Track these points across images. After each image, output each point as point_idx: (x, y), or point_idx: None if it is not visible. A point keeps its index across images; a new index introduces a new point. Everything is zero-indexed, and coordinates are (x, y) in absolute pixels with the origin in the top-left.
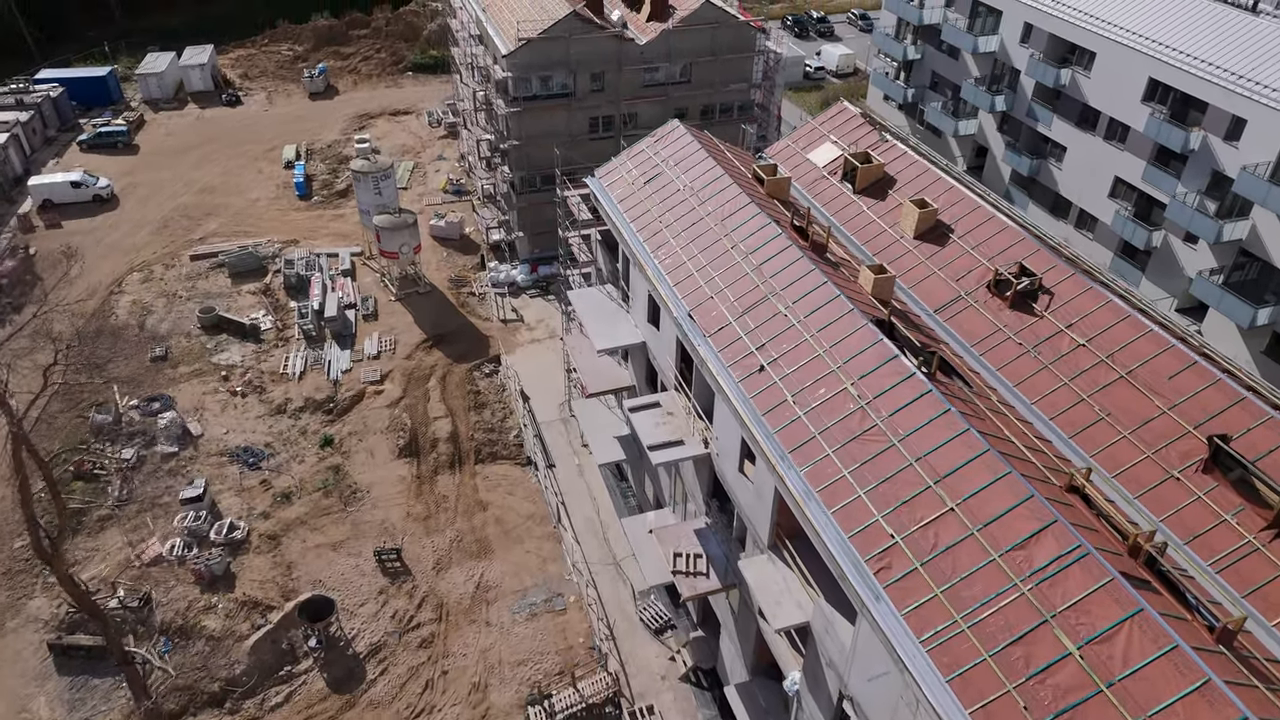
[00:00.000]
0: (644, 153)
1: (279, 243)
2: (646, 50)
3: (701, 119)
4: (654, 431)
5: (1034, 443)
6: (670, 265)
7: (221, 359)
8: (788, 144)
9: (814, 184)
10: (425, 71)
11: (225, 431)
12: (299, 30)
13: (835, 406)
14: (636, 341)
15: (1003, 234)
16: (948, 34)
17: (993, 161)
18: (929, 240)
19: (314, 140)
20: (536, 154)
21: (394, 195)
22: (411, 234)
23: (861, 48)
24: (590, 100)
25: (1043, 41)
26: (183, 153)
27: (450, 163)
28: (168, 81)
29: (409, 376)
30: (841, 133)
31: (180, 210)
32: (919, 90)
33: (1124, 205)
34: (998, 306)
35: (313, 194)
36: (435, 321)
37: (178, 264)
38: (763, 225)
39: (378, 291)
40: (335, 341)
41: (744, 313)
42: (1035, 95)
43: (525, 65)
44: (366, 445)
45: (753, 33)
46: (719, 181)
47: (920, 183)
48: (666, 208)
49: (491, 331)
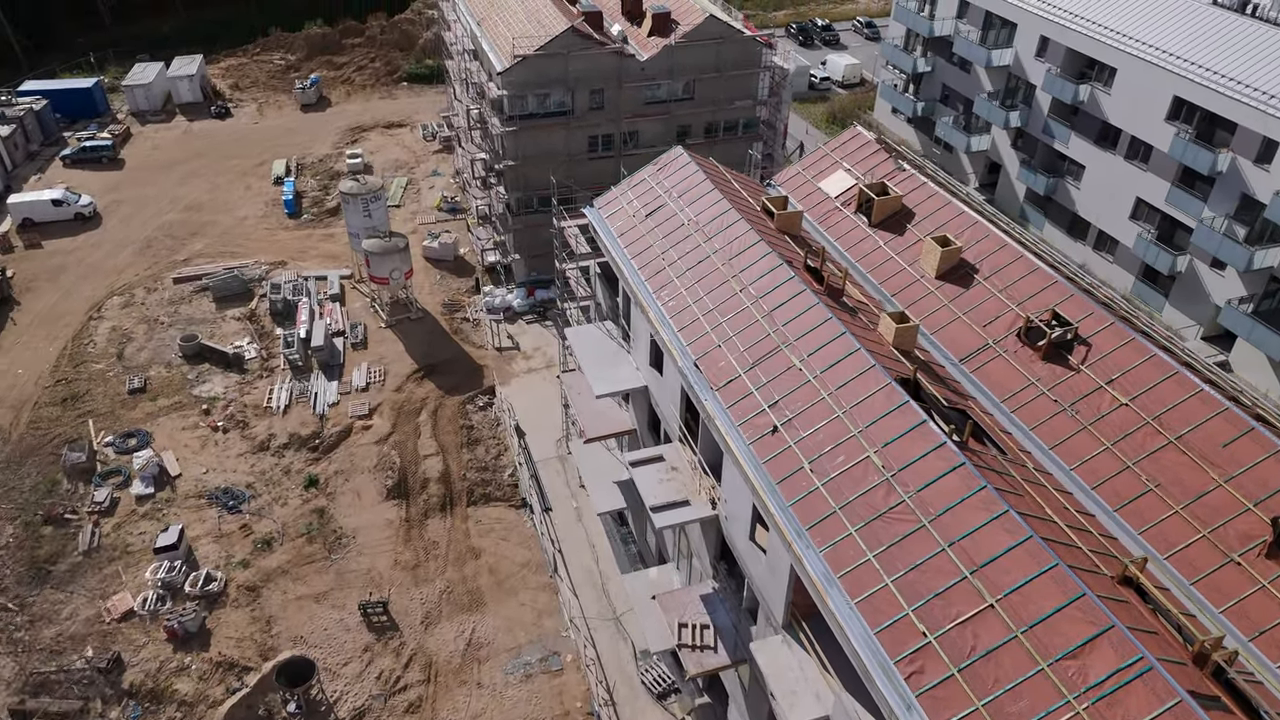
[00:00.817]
0: (645, 182)
1: (266, 264)
2: (648, 66)
3: (705, 137)
4: (657, 489)
5: (1077, 519)
6: (674, 308)
7: (203, 391)
8: (798, 171)
9: (826, 216)
10: (421, 81)
11: (205, 471)
12: (291, 39)
13: (857, 477)
14: (638, 386)
15: (1033, 276)
16: (960, 47)
17: (1006, 179)
18: (952, 281)
19: (305, 154)
20: (533, 174)
21: (384, 218)
22: (403, 259)
23: (868, 57)
24: (589, 118)
25: (1060, 56)
26: (169, 168)
27: (445, 179)
28: (155, 93)
29: (399, 410)
30: (855, 159)
31: (165, 229)
32: (929, 103)
33: (1146, 228)
34: (1029, 357)
35: (302, 212)
36: (427, 350)
37: (160, 287)
38: (774, 266)
39: (367, 317)
40: (322, 372)
41: (754, 364)
42: (1052, 111)
43: (521, 83)
44: (353, 486)
45: (758, 47)
46: (726, 216)
47: (941, 216)
48: (670, 243)
49: (486, 360)
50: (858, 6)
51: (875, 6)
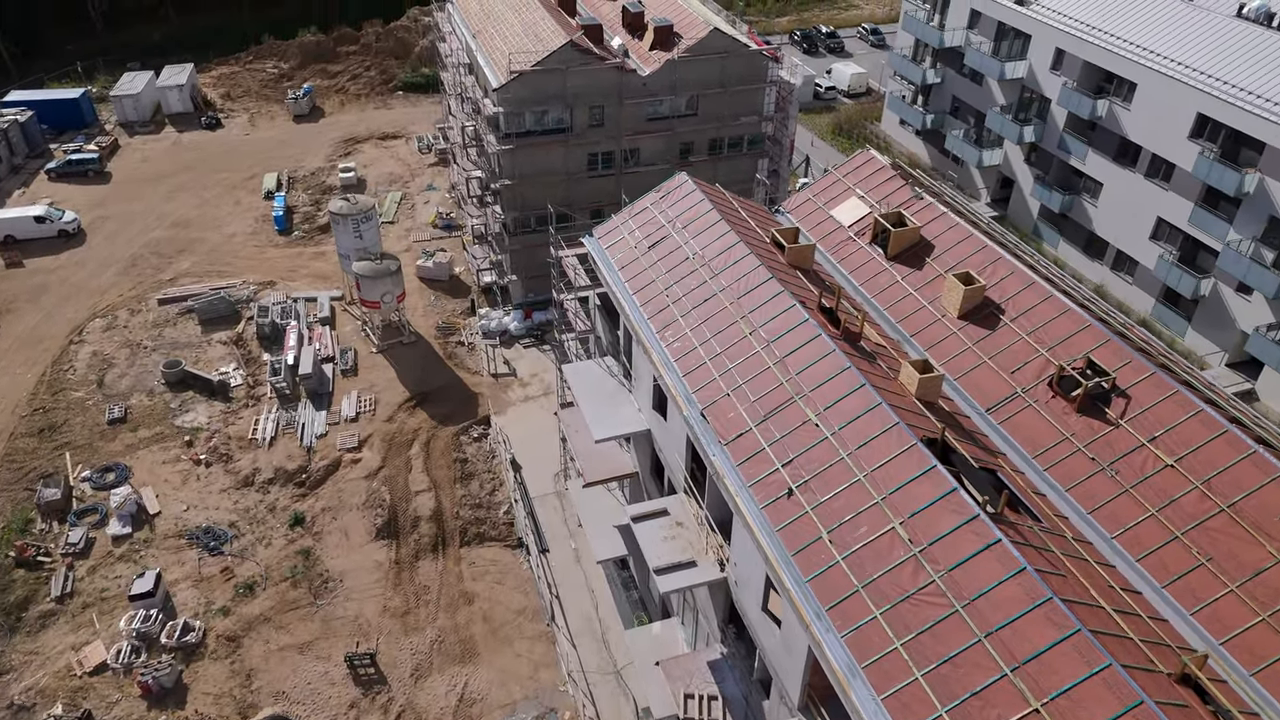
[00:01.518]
0: (647, 210)
1: (254, 284)
2: (650, 82)
3: (709, 154)
4: (661, 548)
5: (1124, 600)
6: (679, 350)
7: (186, 421)
8: (808, 198)
9: (839, 247)
10: (416, 91)
11: (185, 508)
12: (285, 47)
13: (881, 551)
14: (640, 429)
15: (1064, 318)
16: (971, 58)
17: (1019, 195)
18: (976, 322)
19: (296, 167)
20: (530, 193)
21: (376, 238)
22: (395, 282)
23: (874, 65)
24: (589, 135)
25: (1076, 69)
26: (157, 181)
27: (440, 193)
28: (144, 103)
29: (389, 442)
30: (869, 185)
31: (151, 246)
32: (939, 116)
33: (1168, 249)
34: (1062, 409)
35: (293, 228)
36: (420, 377)
37: (144, 308)
38: (786, 307)
39: (358, 342)
40: (310, 401)
41: (766, 417)
42: (1067, 126)
43: (518, 100)
44: (341, 524)
45: (764, 61)
46: (734, 250)
47: (962, 250)
48: (674, 278)
49: (481, 388)
50: (862, 13)
51: (880, 13)
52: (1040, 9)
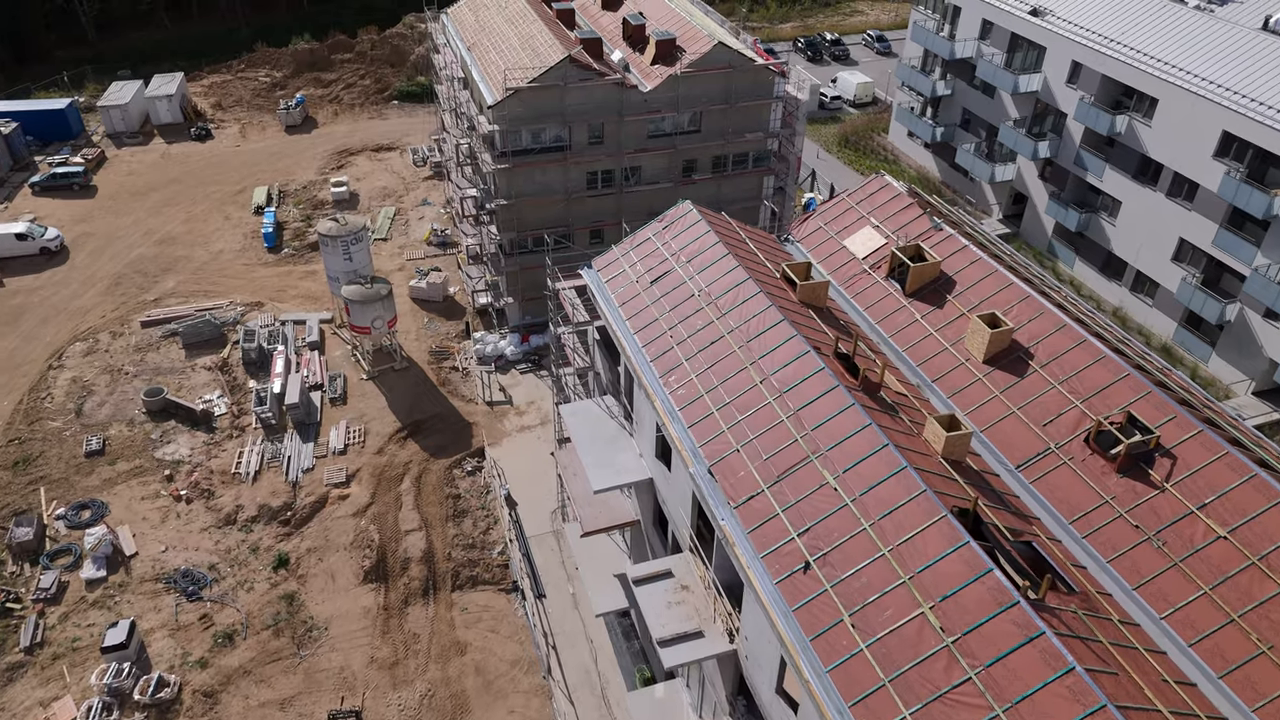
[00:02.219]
0: (650, 242)
1: (241, 305)
2: (651, 98)
3: (713, 172)
4: (665, 615)
5: (1180, 697)
6: (683, 397)
7: (166, 453)
8: (819, 226)
9: (853, 280)
10: (412, 100)
11: (164, 549)
12: (278, 55)
13: (910, 640)
14: (643, 478)
15: (1100, 366)
16: (983, 71)
17: (1033, 212)
18: (1003, 368)
19: (288, 181)
20: (528, 213)
21: (367, 260)
22: (386, 306)
23: (879, 72)
24: (588, 153)
25: (1094, 83)
26: (144, 195)
27: (435, 209)
28: (132, 114)
29: (379, 477)
30: (884, 214)
31: (136, 265)
32: (949, 129)
33: (1191, 271)
34: (1100, 469)
35: (282, 245)
36: (412, 406)
37: (127, 331)
38: (800, 353)
39: (348, 367)
40: (297, 432)
41: (780, 478)
42: (1084, 142)
43: (514, 117)
44: (327, 566)
45: (771, 76)
46: (743, 288)
47: (986, 287)
48: (679, 317)
49: (476, 417)
50: (867, 19)
51: (886, 19)
52: (1056, 20)
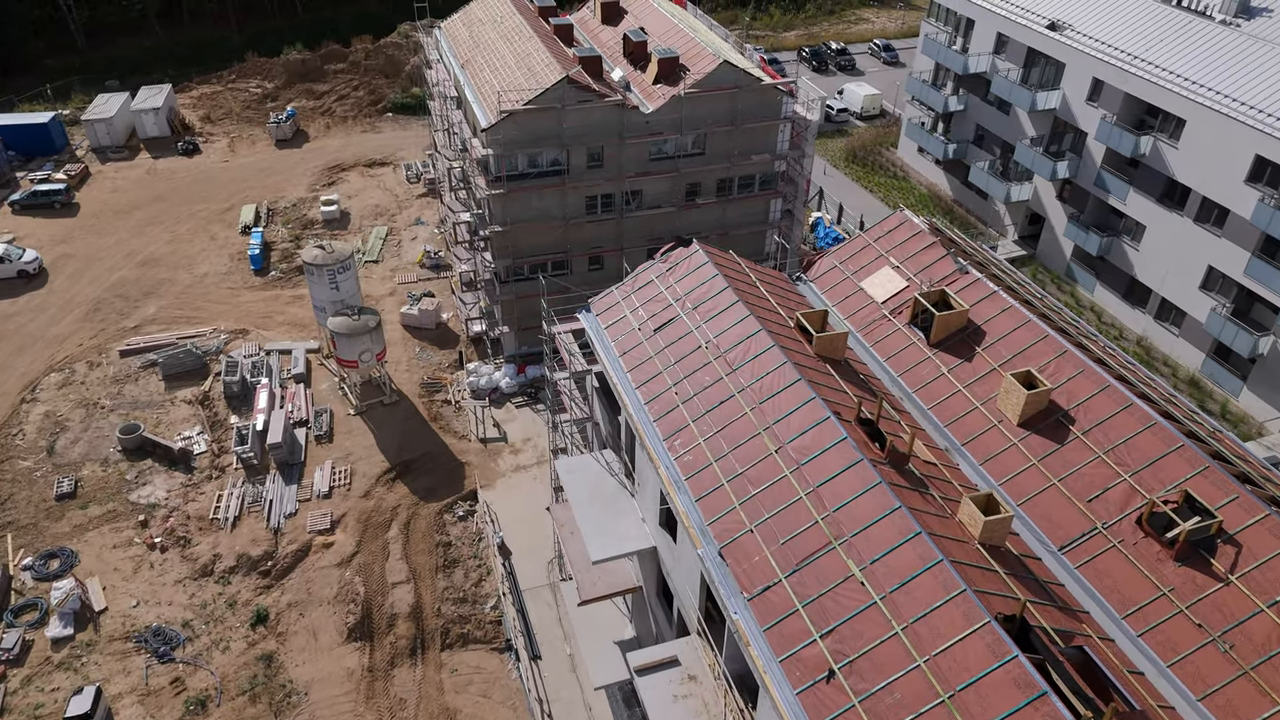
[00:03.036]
0: (653, 284)
1: (225, 333)
2: (653, 120)
3: (718, 195)
4: (671, 710)
5: None
6: (690, 464)
7: (141, 496)
8: (834, 265)
9: (873, 327)
10: (406, 112)
11: (135, 604)
12: (269, 65)
13: None
14: (646, 547)
15: (1150, 435)
16: (999, 87)
17: (1051, 233)
18: (1041, 432)
19: (277, 198)
20: (524, 239)
21: (355, 289)
22: (374, 339)
23: (887, 83)
24: (587, 177)
25: (1116, 101)
26: (127, 213)
27: (429, 228)
28: (118, 127)
29: (365, 523)
30: (904, 253)
31: (116, 288)
32: (961, 145)
33: (1221, 301)
34: (1155, 555)
35: (269, 267)
36: (401, 443)
37: (105, 360)
38: (819, 419)
39: (335, 402)
40: (280, 473)
41: (800, 566)
42: (1106, 162)
43: (509, 141)
44: (308, 623)
45: (779, 96)
46: (755, 340)
47: (1019, 339)
48: (684, 371)
49: (468, 455)
50: (873, 27)
51: (892, 27)
52: (1076, 35)
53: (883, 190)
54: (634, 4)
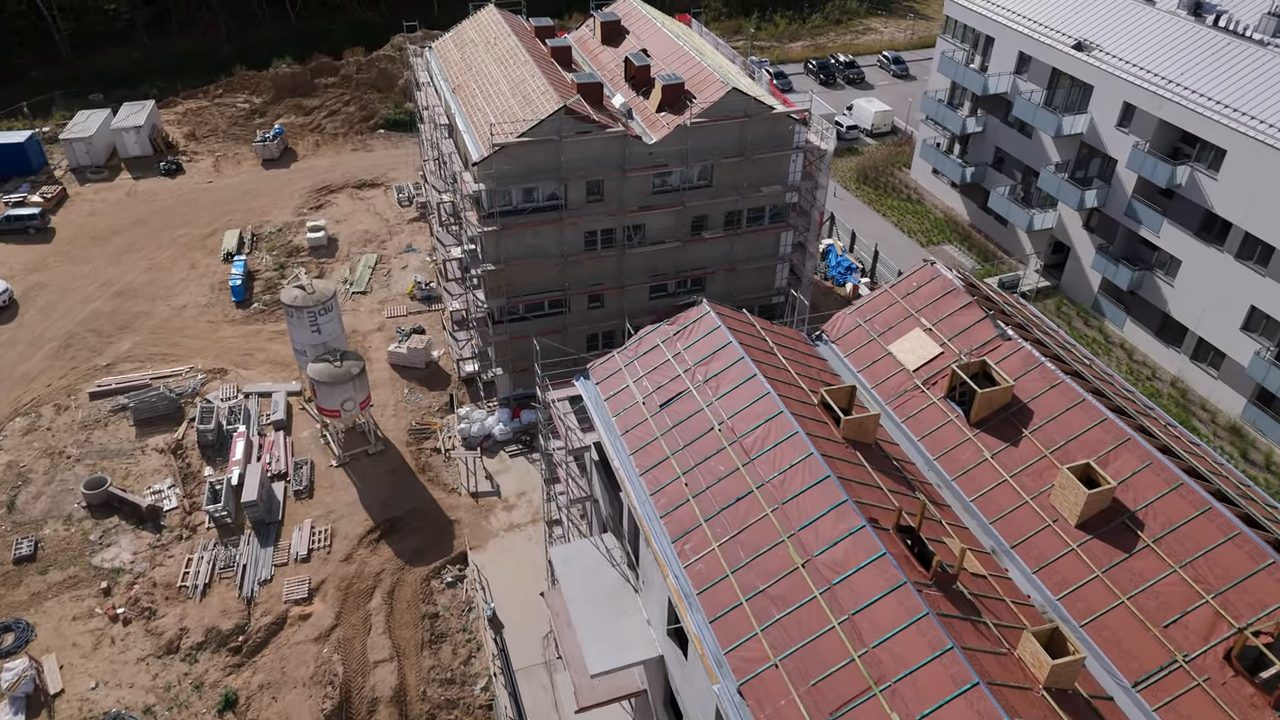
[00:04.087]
0: (658, 350)
1: (202, 373)
2: (657, 151)
3: (725, 229)
4: None
5: None
6: (703, 575)
7: (106, 559)
8: (858, 325)
9: (904, 400)
10: (399, 129)
11: (93, 685)
12: (258, 79)
13: None
14: (652, 656)
15: (1235, 547)
16: (1021, 110)
17: (1077, 263)
18: (1104, 536)
19: (262, 222)
20: (519, 277)
21: (338, 332)
22: (358, 386)
23: (897, 97)
24: (586, 211)
25: (1149, 128)
26: (105, 239)
27: (420, 256)
28: (98, 146)
29: (346, 591)
30: (936, 313)
31: (89, 322)
32: (979, 169)
33: (1264, 344)
34: (1249, 699)
35: (252, 299)
36: (387, 498)
37: (73, 404)
38: (853, 528)
39: (316, 451)
40: (255, 534)
41: (838, 715)
42: (1138, 192)
43: (502, 175)
44: (281, 708)
45: (791, 125)
46: (775, 424)
47: (1073, 422)
48: (695, 457)
49: (458, 512)
50: (881, 38)
51: (901, 38)
52: (1104, 57)
53: (896, 214)
54: (635, 23)
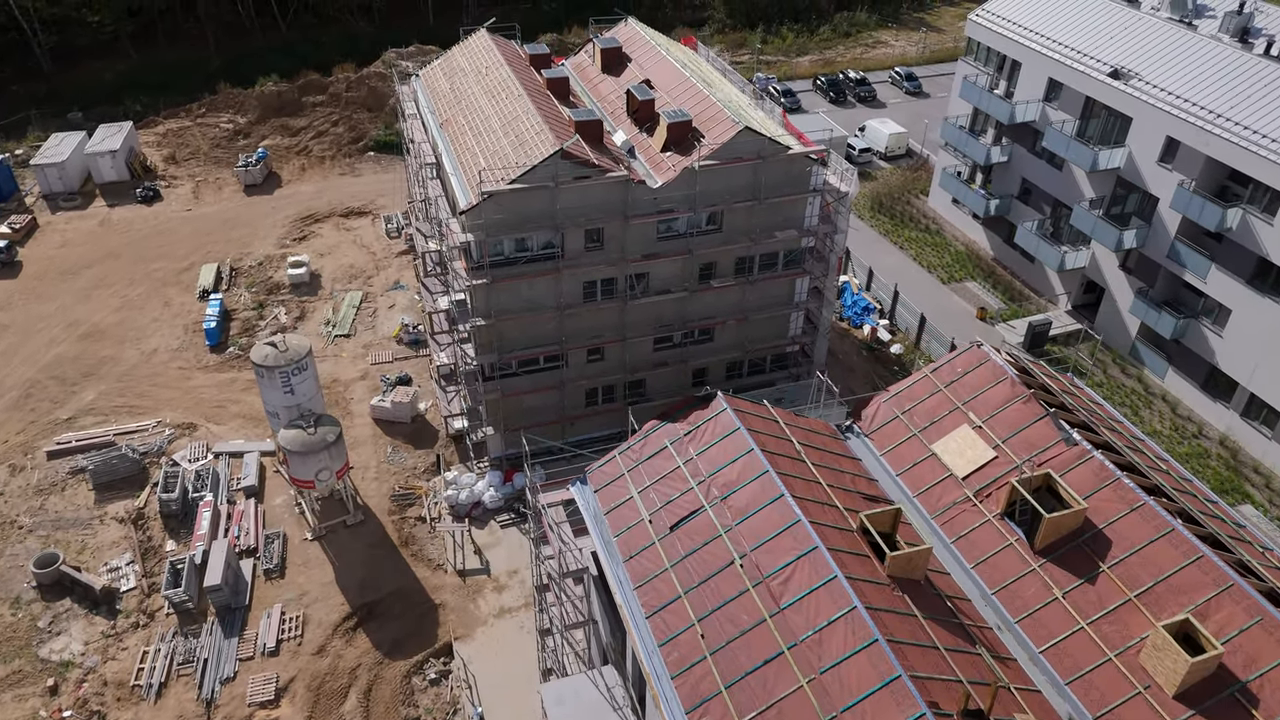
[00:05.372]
0: (667, 453)
1: (170, 428)
2: (662, 196)
3: (735, 277)
4: None
5: None
6: None
7: (54, 650)
8: (894, 416)
9: (953, 516)
10: (390, 151)
11: None
12: (243, 98)
13: None
14: None
15: None
16: (1053, 141)
17: (1112, 305)
18: (1210, 713)
19: (242, 255)
20: (511, 331)
21: (313, 391)
22: (334, 454)
23: (910, 116)
24: (585, 260)
25: (1195, 165)
26: (75, 274)
27: (409, 294)
28: (71, 172)
29: (318, 691)
30: (986, 407)
31: (53, 368)
32: (1004, 201)
33: None
34: None
35: (227, 343)
36: (365, 578)
37: (29, 465)
38: (912, 716)
39: (289, 522)
40: (219, 621)
41: None
42: (1182, 233)
43: (493, 225)
44: None
45: (808, 166)
46: (810, 562)
47: (1162, 557)
48: (712, 599)
49: (443, 593)
50: (892, 51)
51: (913, 52)
52: (1144, 87)
53: (914, 247)
54: (638, 50)
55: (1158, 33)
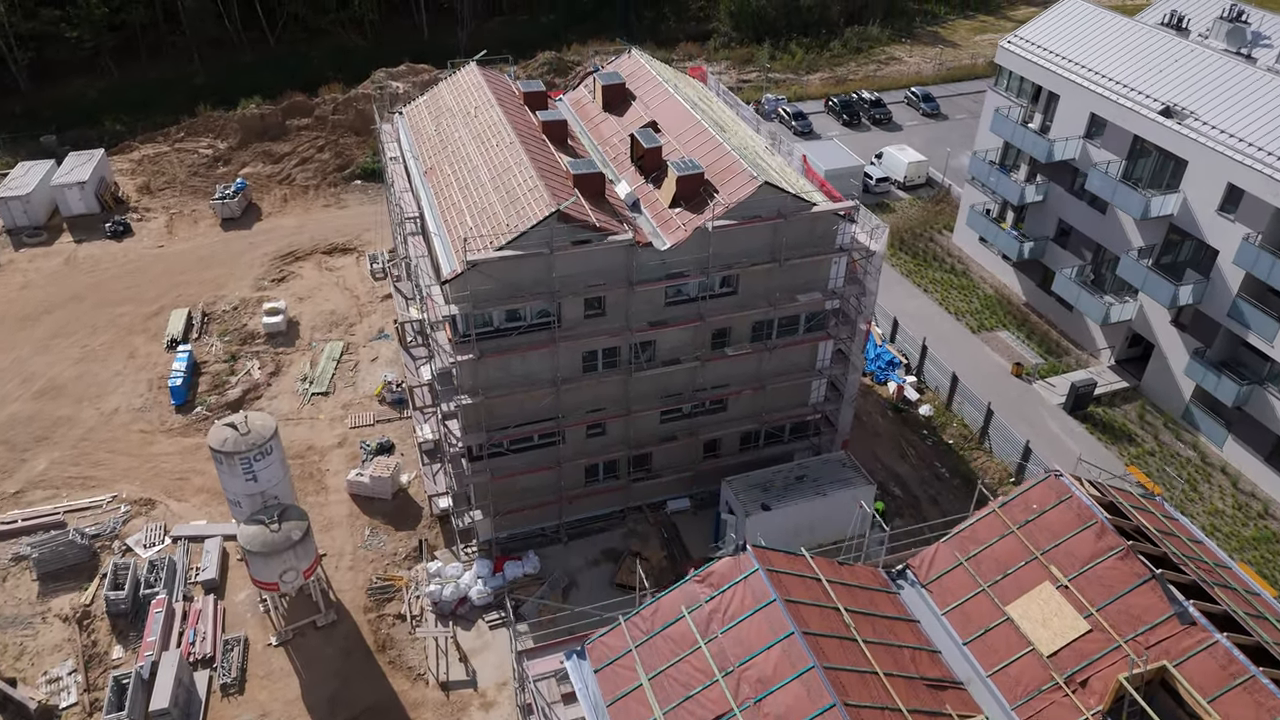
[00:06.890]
0: (683, 625)
1: (126, 504)
2: (671, 259)
3: (752, 342)
4: None
5: None
6: None
7: None
8: (957, 562)
9: (1040, 705)
10: (377, 180)
11: None
12: (223, 121)
13: None
14: None
15: None
16: (1098, 185)
17: (1163, 363)
18: None
19: (216, 297)
20: (502, 408)
21: (280, 476)
22: (300, 553)
23: (929, 140)
24: (585, 329)
25: (1262, 217)
26: (34, 320)
27: (394, 345)
28: (37, 205)
29: None
30: (1071, 559)
31: (4, 431)
32: (1039, 243)
33: None
34: None
35: (195, 401)
36: (335, 692)
37: None
38: None
39: (254, 623)
40: None
41: None
42: (1245, 290)
43: (479, 297)
44: None
45: (835, 223)
46: None
47: None
48: None
49: (424, 711)
50: (906, 68)
51: (928, 70)
52: (1201, 126)
53: (939, 289)
54: (642, 86)
55: (1212, 66)
